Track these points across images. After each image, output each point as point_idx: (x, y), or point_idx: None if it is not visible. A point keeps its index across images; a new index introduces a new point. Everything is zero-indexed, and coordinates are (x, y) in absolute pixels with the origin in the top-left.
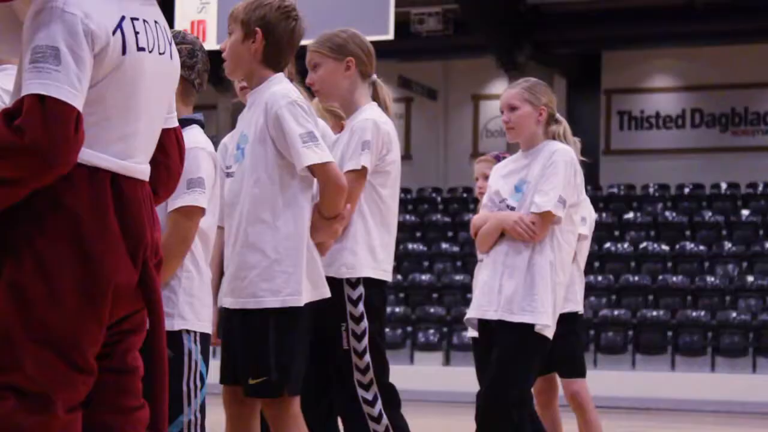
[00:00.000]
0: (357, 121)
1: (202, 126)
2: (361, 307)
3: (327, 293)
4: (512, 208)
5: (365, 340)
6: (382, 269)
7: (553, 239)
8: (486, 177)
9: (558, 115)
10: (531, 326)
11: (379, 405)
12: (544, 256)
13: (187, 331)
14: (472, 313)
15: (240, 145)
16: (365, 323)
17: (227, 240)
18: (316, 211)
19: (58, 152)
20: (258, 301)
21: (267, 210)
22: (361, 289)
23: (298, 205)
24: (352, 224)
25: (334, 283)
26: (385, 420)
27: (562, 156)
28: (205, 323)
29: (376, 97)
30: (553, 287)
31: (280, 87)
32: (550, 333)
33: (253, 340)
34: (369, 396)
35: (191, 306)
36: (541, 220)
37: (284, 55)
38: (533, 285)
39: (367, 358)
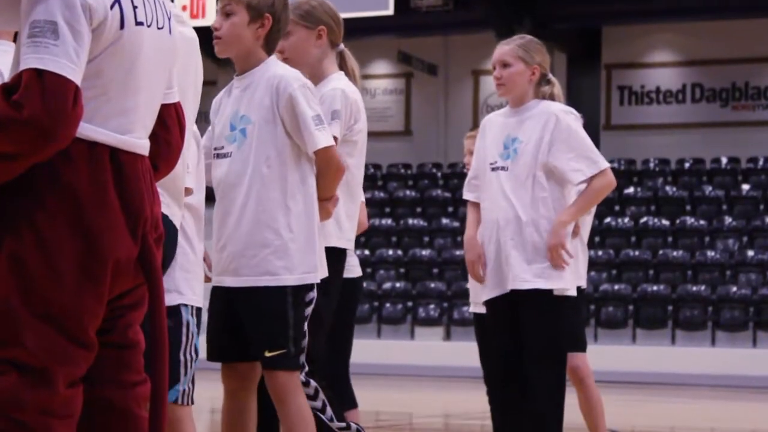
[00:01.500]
0: (326, 91)
1: None
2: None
3: (326, 273)
4: (504, 169)
5: (308, 310)
6: (346, 238)
7: (546, 200)
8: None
9: (551, 76)
10: (550, 290)
11: (302, 374)
12: (541, 214)
13: (185, 305)
14: (486, 294)
15: (236, 125)
16: (313, 294)
17: (223, 219)
18: None
19: (57, 127)
20: (275, 279)
21: (277, 189)
22: None
23: (307, 184)
24: None
25: None
26: (313, 383)
27: (568, 118)
28: (199, 297)
29: (343, 66)
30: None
31: (286, 69)
32: (571, 292)
33: (270, 315)
34: None
35: (187, 281)
36: (604, 176)
37: (279, 40)
38: (542, 249)
39: (305, 327)
